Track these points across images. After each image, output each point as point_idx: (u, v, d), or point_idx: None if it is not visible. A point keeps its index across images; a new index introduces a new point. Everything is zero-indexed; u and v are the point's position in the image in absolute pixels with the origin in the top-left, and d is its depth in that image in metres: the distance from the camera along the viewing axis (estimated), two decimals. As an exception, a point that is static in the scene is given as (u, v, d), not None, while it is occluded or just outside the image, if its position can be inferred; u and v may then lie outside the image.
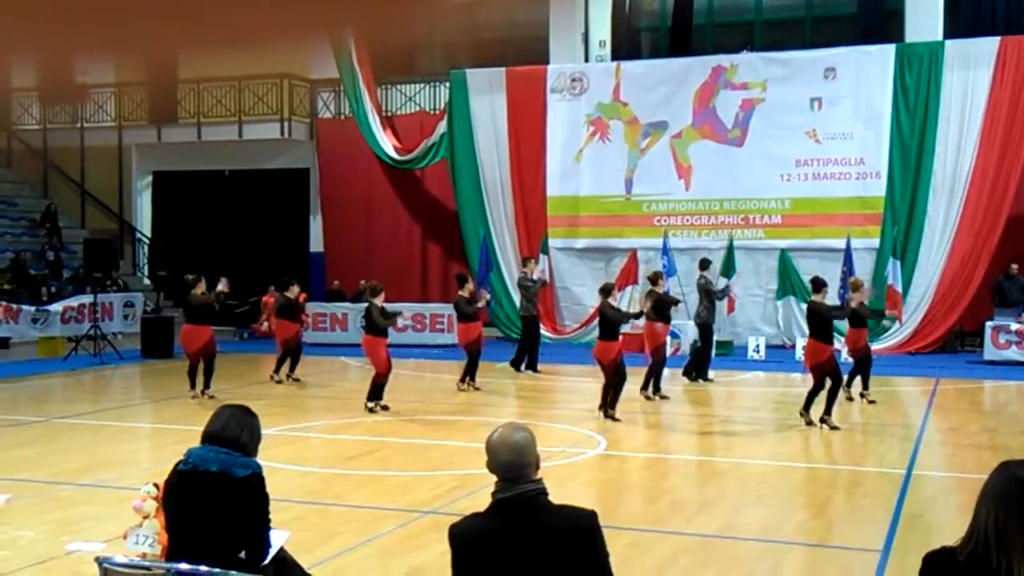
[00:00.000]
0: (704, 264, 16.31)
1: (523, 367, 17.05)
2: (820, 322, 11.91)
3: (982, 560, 2.95)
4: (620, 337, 12.78)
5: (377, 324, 12.94)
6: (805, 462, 10.19)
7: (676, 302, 14.73)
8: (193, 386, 14.01)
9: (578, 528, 3.49)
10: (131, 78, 23.16)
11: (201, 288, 14.14)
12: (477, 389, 15.00)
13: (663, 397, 14.06)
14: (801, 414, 11.97)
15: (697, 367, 15.89)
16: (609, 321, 12.46)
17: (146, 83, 22.92)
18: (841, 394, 12.67)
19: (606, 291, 12.75)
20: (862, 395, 13.79)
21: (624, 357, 12.59)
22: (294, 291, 16.16)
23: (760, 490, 9.13)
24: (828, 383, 11.77)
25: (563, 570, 3.43)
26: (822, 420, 11.75)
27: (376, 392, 13.00)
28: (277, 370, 15.95)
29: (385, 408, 12.96)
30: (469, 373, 15.11)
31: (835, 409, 11.90)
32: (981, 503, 3.03)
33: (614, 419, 12.27)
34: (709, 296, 15.70)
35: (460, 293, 15.25)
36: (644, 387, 13.95)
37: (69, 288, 21.54)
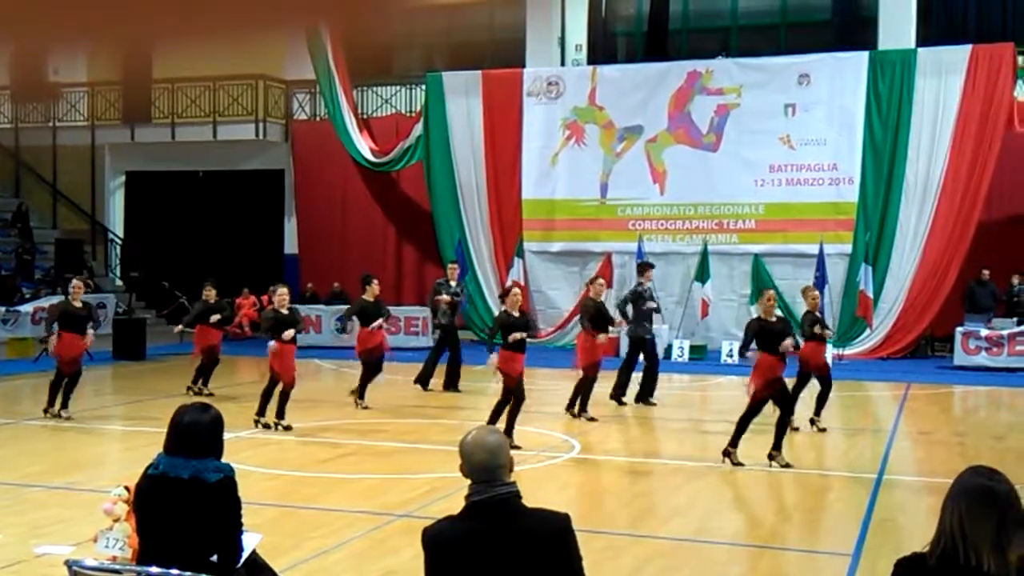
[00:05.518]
0: (642, 269, 14.43)
1: (444, 384, 15.10)
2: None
3: (951, 559, 2.99)
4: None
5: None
6: (777, 466, 10.21)
7: (611, 321, 13.38)
8: (53, 403, 12.50)
9: (552, 531, 3.49)
10: (104, 74, 22.98)
11: (80, 291, 12.69)
12: (366, 408, 13.38)
13: (590, 419, 12.68)
14: (771, 456, 10.10)
15: (642, 388, 14.10)
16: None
17: (120, 81, 22.68)
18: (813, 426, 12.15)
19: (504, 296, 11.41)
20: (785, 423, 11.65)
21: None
22: (210, 293, 14.59)
23: (733, 494, 9.17)
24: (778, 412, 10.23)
25: (537, 573, 3.43)
26: (770, 456, 10.11)
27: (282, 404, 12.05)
28: (195, 381, 14.46)
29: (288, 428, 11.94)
30: (360, 386, 13.49)
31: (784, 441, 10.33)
32: (947, 503, 3.08)
33: (513, 446, 10.42)
34: (636, 305, 13.77)
35: (363, 296, 13.63)
36: (570, 405, 12.82)
37: (40, 289, 21.33)
